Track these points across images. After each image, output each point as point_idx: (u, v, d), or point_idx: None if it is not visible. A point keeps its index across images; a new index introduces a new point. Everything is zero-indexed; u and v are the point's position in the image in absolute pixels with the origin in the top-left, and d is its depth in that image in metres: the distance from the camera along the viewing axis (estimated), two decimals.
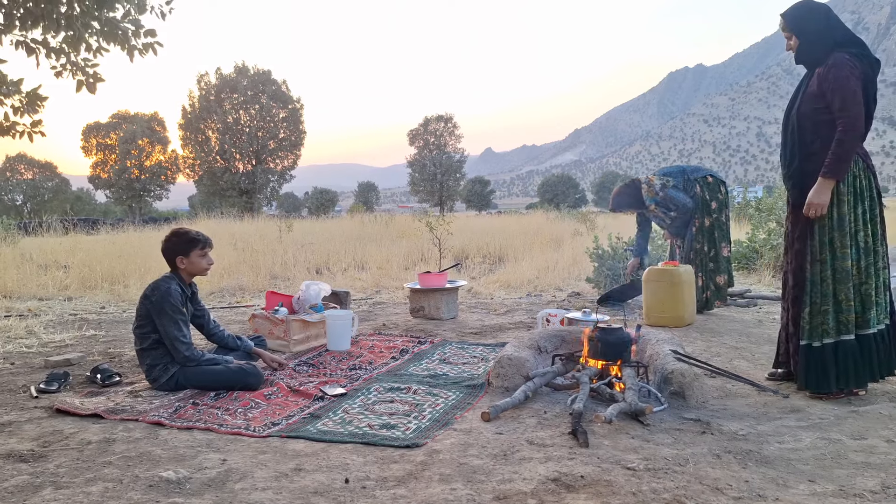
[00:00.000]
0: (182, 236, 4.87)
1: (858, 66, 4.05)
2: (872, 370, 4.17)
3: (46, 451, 3.46)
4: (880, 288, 4.18)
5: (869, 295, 4.13)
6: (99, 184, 66.35)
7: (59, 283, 11.04)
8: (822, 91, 4.11)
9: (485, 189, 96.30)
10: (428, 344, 6.06)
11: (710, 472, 3.01)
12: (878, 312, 4.17)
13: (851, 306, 4.11)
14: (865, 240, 4.13)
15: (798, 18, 4.24)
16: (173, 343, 4.59)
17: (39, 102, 6.83)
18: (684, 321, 6.57)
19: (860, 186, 4.13)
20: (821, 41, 4.18)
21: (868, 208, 4.15)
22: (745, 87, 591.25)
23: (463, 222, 24.87)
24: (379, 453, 3.37)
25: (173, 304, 4.64)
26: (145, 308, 4.67)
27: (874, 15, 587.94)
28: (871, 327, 4.14)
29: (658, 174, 7.47)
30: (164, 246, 4.87)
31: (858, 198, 4.12)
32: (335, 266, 13.58)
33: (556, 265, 12.71)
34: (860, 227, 4.12)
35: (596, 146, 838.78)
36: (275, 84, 58.81)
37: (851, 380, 4.13)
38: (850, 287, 4.09)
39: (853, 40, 4.18)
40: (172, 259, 4.84)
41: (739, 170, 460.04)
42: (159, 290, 4.66)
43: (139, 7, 6.50)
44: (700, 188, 7.25)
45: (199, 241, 4.86)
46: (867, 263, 4.13)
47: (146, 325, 4.67)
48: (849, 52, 4.10)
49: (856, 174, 4.12)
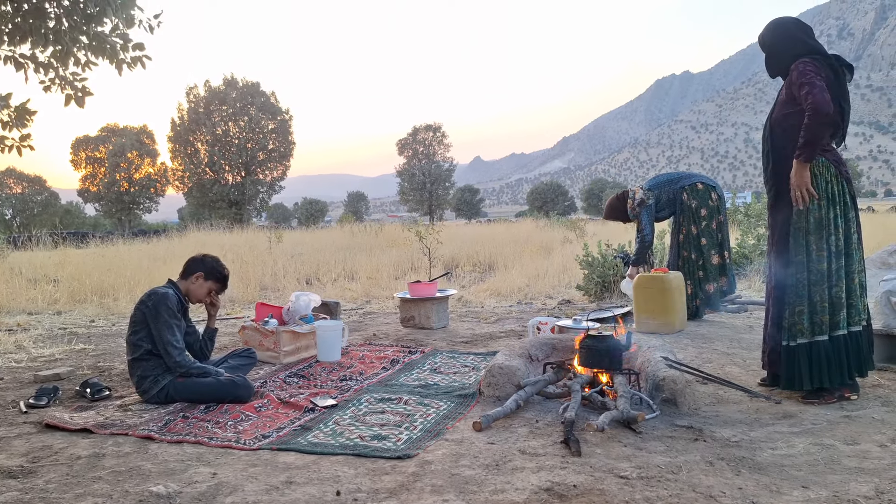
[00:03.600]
0: (219, 266, 5.02)
1: (820, 68, 4.23)
2: (841, 370, 4.23)
3: (36, 466, 3.43)
4: (854, 291, 4.27)
5: (840, 298, 4.22)
6: (88, 197, 66.19)
7: (48, 297, 10.99)
8: (791, 94, 4.32)
9: (474, 197, 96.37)
10: (419, 354, 6.05)
11: (703, 480, 3.00)
12: (851, 314, 4.26)
13: (826, 307, 4.22)
14: (837, 244, 4.24)
15: (766, 33, 4.55)
16: (166, 347, 4.58)
17: (28, 117, 6.81)
18: (675, 328, 6.57)
19: (832, 192, 4.25)
20: (784, 53, 4.42)
21: (841, 213, 4.26)
22: (731, 94, 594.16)
23: (452, 231, 24.91)
24: (370, 465, 3.35)
25: (169, 307, 4.65)
26: (141, 313, 4.67)
27: (859, 21, 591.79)
28: (841, 328, 4.23)
29: (645, 186, 7.49)
30: (198, 258, 4.99)
31: (831, 203, 4.24)
32: (325, 276, 13.57)
33: (546, 273, 12.73)
34: (832, 230, 4.23)
35: (584, 154, 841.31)
36: (263, 96, 58.81)
37: (825, 379, 4.21)
38: (824, 289, 4.21)
39: (816, 49, 4.36)
40: (193, 272, 4.90)
41: (728, 176, 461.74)
42: (157, 294, 4.68)
43: (127, 21, 6.48)
44: (687, 196, 7.26)
45: (224, 281, 5.05)
46: (838, 266, 4.23)
47: (140, 332, 4.66)
48: (811, 58, 4.29)
49: (828, 180, 4.25)
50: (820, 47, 4.37)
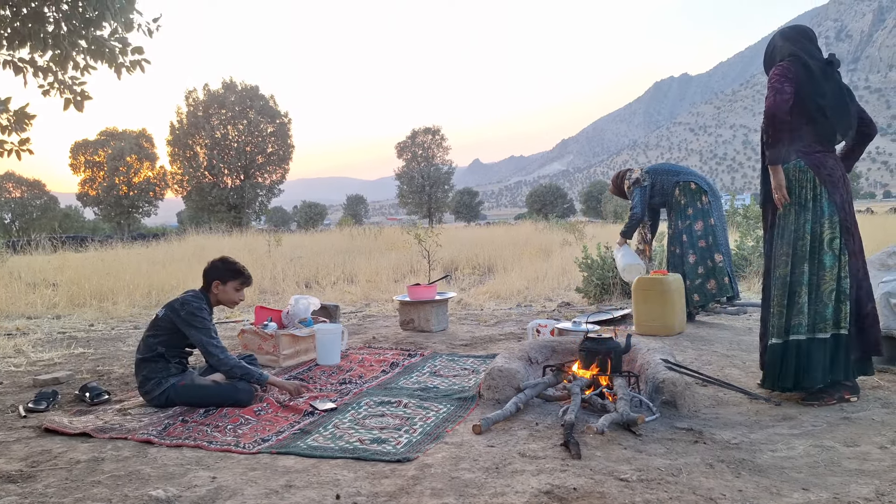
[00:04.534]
0: (228, 264, 5.00)
1: (790, 69, 4.29)
2: (824, 371, 4.24)
3: (35, 471, 3.43)
4: (820, 298, 4.26)
5: (800, 303, 4.27)
6: (87, 201, 66.09)
7: (47, 301, 10.98)
8: None
9: (473, 200, 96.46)
10: (418, 357, 6.05)
11: (703, 482, 3.00)
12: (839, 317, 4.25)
13: (783, 312, 4.31)
14: (802, 249, 4.28)
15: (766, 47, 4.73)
16: (207, 349, 4.62)
17: (27, 121, 6.81)
18: (674, 330, 6.57)
19: (805, 197, 4.31)
20: (769, 62, 4.55)
21: (812, 219, 4.29)
22: (730, 96, 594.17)
23: (452, 234, 24.89)
24: (370, 468, 3.35)
25: (202, 317, 4.69)
26: (169, 320, 4.69)
27: (857, 23, 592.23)
28: (800, 333, 4.26)
29: (646, 168, 7.57)
30: (208, 267, 4.97)
31: (802, 208, 4.31)
32: (324, 280, 13.56)
33: (545, 275, 12.72)
34: (800, 236, 4.29)
35: (583, 156, 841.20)
36: (262, 99, 58.72)
37: (803, 378, 4.25)
38: (784, 293, 4.30)
39: (790, 52, 4.41)
40: (210, 281, 4.90)
41: (726, 178, 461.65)
42: (189, 305, 4.70)
43: (126, 25, 6.49)
44: (679, 192, 7.31)
45: (241, 275, 5.02)
46: (801, 272, 4.28)
47: (161, 336, 4.69)
48: (786, 60, 4.37)
49: (802, 185, 4.31)
50: (798, 49, 4.40)
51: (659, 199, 7.52)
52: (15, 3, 6.22)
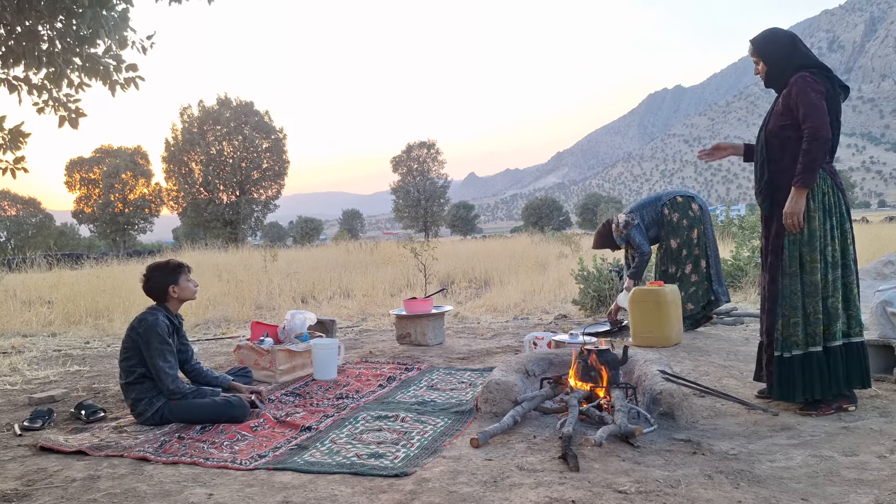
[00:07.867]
0: (166, 267, 4.91)
1: (820, 82, 4.25)
2: (833, 382, 4.22)
3: (30, 489, 3.41)
4: (852, 301, 4.28)
5: (836, 308, 4.23)
6: (83, 218, 66.06)
7: (43, 319, 10.95)
8: (787, 107, 4.31)
9: (469, 213, 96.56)
10: (415, 370, 6.03)
11: (702, 494, 2.99)
12: (851, 325, 4.27)
13: (819, 319, 4.22)
14: (833, 254, 4.24)
15: (765, 44, 4.50)
16: (159, 374, 4.55)
17: (22, 139, 6.80)
18: (671, 341, 6.56)
19: (829, 203, 4.26)
20: (785, 65, 4.41)
21: (837, 224, 4.27)
22: (724, 107, 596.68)
23: (448, 247, 24.89)
24: (367, 483, 3.33)
25: (160, 334, 4.61)
26: (132, 340, 4.65)
27: (848, 33, 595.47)
28: (837, 339, 4.23)
29: (628, 210, 7.53)
30: (151, 282, 4.86)
31: (827, 214, 4.26)
32: (321, 294, 13.54)
33: (542, 288, 12.71)
34: (828, 241, 4.25)
35: (578, 168, 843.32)
36: (257, 115, 58.83)
37: (817, 390, 4.21)
38: (818, 300, 4.22)
39: (816, 63, 4.38)
40: (163, 292, 4.84)
41: (721, 189, 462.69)
42: (146, 321, 4.65)
43: (120, 42, 6.50)
44: (668, 210, 7.31)
45: (183, 266, 4.94)
46: (834, 277, 4.24)
47: (132, 358, 4.64)
48: (810, 72, 4.29)
49: (825, 191, 4.26)
50: (818, 62, 4.37)
51: (654, 231, 7.46)
52: (9, 21, 6.23)
